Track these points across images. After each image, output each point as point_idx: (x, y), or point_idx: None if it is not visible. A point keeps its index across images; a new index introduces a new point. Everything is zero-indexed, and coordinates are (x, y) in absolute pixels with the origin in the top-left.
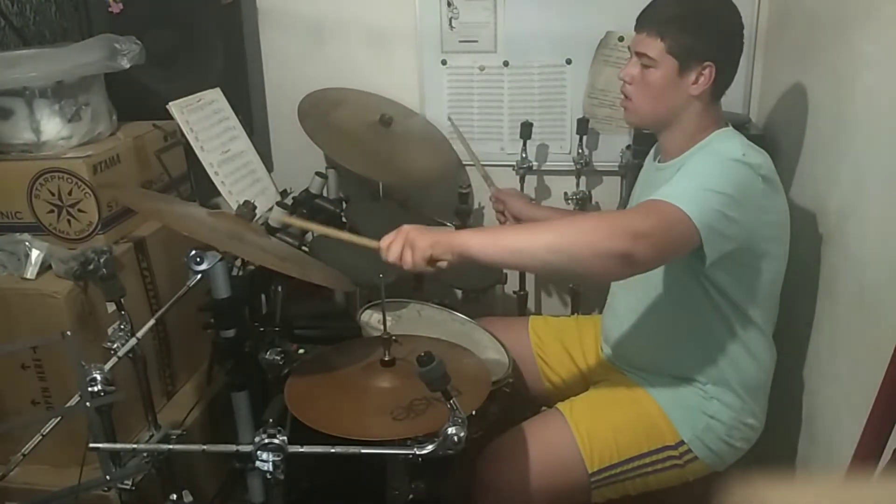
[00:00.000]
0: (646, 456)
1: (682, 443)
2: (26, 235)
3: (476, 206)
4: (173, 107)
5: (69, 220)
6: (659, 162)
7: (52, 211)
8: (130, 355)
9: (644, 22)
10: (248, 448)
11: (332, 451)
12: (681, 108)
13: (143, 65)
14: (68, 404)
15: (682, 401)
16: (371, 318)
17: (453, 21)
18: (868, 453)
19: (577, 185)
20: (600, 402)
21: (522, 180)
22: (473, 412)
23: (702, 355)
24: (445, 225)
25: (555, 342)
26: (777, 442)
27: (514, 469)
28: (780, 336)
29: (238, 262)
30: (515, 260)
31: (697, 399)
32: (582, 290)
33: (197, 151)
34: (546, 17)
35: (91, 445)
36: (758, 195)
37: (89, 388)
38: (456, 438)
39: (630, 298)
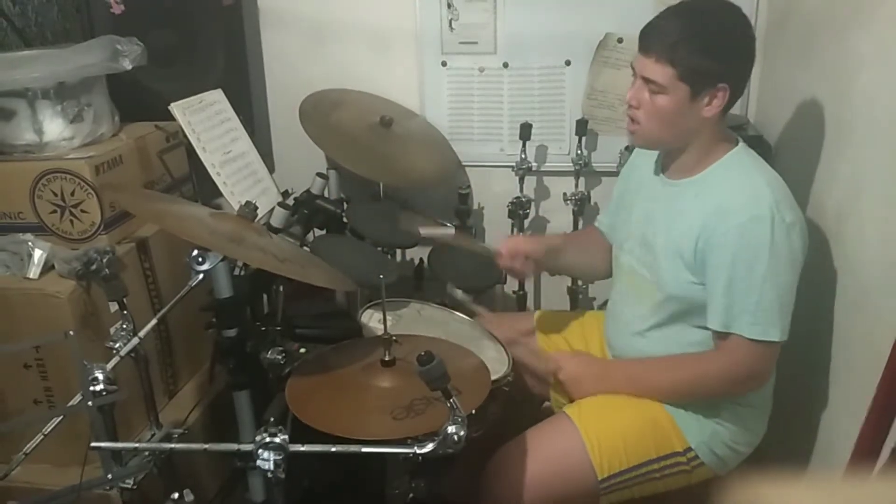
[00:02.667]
0: (654, 462)
1: (689, 449)
2: (29, 236)
3: (476, 206)
4: (175, 108)
5: (72, 221)
6: (666, 177)
7: (54, 211)
8: (132, 355)
9: (650, 45)
10: (249, 447)
11: (333, 450)
12: (693, 131)
13: (144, 66)
14: (70, 403)
15: (689, 407)
16: (371, 318)
17: (453, 22)
18: (866, 452)
19: (576, 185)
20: (609, 408)
21: (522, 181)
22: (473, 411)
23: None
24: (445, 225)
25: (560, 338)
26: (777, 442)
27: (523, 476)
28: None
29: (240, 262)
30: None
31: (704, 405)
32: (581, 290)
33: (199, 152)
34: (545, 19)
35: (93, 444)
36: (799, 251)
37: (91, 388)
38: (456, 437)
39: (635, 314)
